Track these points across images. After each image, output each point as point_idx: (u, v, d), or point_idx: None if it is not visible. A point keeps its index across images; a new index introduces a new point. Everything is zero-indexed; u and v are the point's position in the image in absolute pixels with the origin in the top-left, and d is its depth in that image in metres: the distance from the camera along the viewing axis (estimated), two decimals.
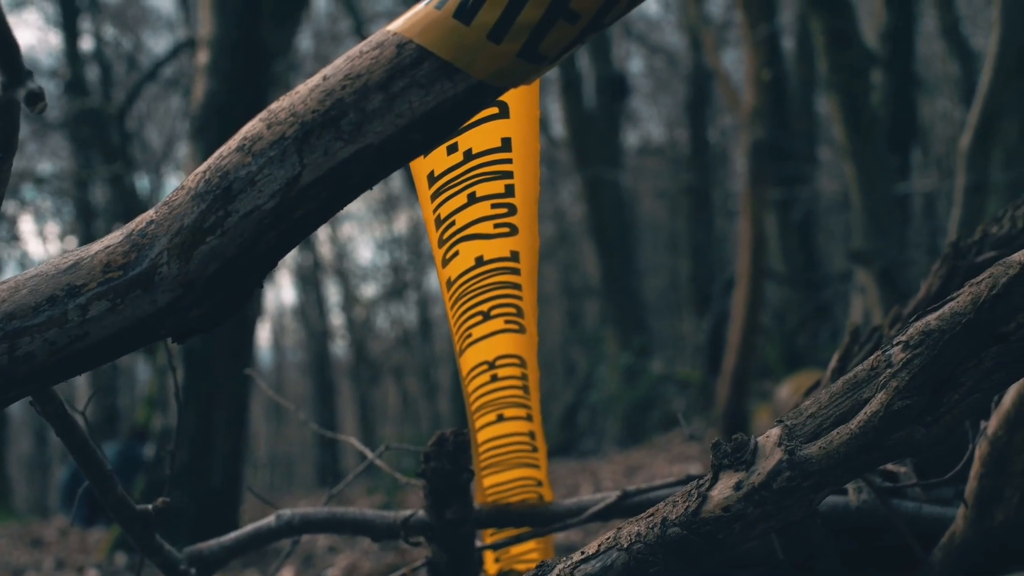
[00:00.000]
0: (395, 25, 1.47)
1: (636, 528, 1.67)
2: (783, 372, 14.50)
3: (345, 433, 34.83)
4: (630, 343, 19.67)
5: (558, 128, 26.96)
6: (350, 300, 35.98)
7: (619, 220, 22.21)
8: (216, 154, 1.54)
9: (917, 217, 17.99)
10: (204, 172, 1.53)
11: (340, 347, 37.86)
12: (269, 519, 2.58)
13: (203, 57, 9.34)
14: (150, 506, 2.19)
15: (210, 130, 9.04)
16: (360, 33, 21.81)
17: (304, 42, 25.41)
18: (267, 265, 1.54)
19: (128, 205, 18.67)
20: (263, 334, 38.92)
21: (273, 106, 1.52)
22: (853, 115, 11.29)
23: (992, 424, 2.09)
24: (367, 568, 6.56)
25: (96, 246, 1.58)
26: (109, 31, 25.62)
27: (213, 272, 1.51)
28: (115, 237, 1.57)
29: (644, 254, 30.68)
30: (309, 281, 34.46)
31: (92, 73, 23.65)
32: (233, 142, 1.52)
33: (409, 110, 1.44)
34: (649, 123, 33.96)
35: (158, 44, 30.54)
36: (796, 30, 19.06)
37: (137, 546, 2.26)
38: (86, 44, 23.43)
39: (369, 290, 37.90)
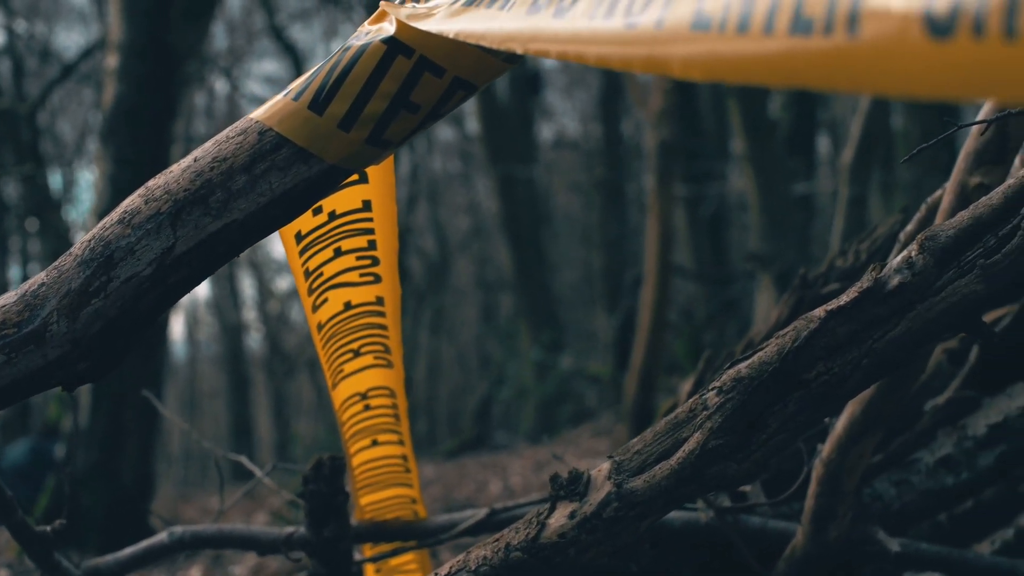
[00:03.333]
0: (257, 113, 1.65)
1: (484, 552, 1.84)
2: (691, 367, 14.56)
3: (260, 426, 34.34)
4: (542, 337, 19.79)
5: (472, 123, 27.00)
6: (264, 293, 35.79)
7: (532, 215, 22.27)
8: (100, 225, 1.70)
9: (824, 213, 18.27)
10: (89, 241, 1.70)
11: (255, 340, 37.60)
12: (162, 536, 2.73)
13: (112, 61, 9.34)
14: (48, 528, 2.34)
15: (119, 134, 9.03)
16: (274, 27, 21.73)
17: (218, 37, 25.26)
18: (146, 324, 1.71)
19: (40, 201, 18.52)
20: (177, 327, 38.58)
21: (150, 183, 1.69)
22: (751, 121, 11.52)
23: (826, 448, 2.28)
24: (273, 568, 6.66)
25: None
26: (22, 25, 25.30)
27: (97, 330, 1.68)
28: (10, 297, 1.74)
29: (558, 248, 30.66)
30: (223, 274, 34.13)
31: (4, 66, 23.38)
32: (115, 214, 1.70)
33: (270, 190, 1.63)
34: (564, 117, 34.00)
35: (71, 37, 30.23)
36: None
37: (37, 564, 2.40)
38: None
39: (283, 283, 37.68)
